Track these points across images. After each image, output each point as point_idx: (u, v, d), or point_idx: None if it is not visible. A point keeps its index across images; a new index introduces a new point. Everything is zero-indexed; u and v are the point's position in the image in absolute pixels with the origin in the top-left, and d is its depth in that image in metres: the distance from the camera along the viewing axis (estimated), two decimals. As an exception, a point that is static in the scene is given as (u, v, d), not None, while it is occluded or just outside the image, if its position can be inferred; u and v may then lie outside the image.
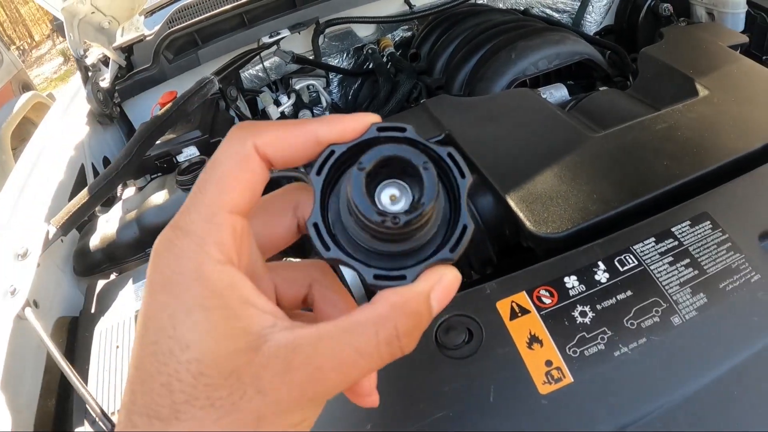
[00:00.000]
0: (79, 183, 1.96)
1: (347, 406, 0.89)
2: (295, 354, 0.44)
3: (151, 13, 2.75)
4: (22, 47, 14.87)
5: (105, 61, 2.44)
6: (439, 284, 0.47)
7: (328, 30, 2.56)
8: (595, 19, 2.80)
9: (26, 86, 6.32)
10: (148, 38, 2.45)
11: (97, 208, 1.71)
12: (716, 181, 1.15)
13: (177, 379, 0.42)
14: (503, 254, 1.39)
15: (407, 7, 2.69)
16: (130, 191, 1.88)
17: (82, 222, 1.66)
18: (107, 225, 1.67)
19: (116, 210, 1.74)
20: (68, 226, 1.58)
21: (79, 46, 2.27)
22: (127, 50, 2.49)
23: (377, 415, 0.88)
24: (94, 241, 1.64)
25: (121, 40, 2.46)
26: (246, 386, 0.43)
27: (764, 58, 2.20)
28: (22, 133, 5.29)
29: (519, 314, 0.94)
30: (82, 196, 1.58)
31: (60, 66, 13.75)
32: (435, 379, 0.90)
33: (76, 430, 1.17)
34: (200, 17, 2.32)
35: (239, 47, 2.38)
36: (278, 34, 2.37)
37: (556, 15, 2.85)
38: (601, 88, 1.97)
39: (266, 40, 2.36)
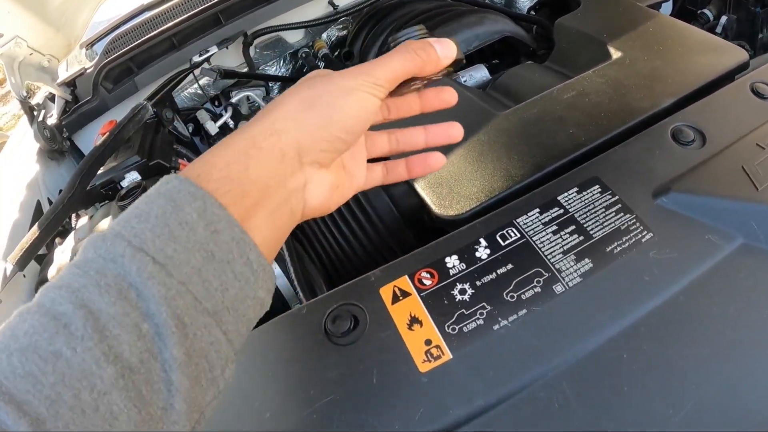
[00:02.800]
0: (37, 219, 1.99)
1: (248, 399, 0.92)
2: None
3: (90, 45, 2.76)
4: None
5: (51, 97, 2.47)
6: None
7: (257, 41, 2.58)
8: (527, -6, 2.80)
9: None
10: (88, 71, 2.46)
11: (57, 240, 1.74)
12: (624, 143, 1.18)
13: None
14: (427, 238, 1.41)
15: (332, 8, 2.70)
16: (83, 221, 1.90)
17: (40, 255, 1.70)
18: (62, 255, 1.70)
19: (69, 240, 1.77)
20: (23, 262, 1.61)
21: (21, 89, 2.30)
22: (72, 84, 2.51)
23: (272, 403, 0.91)
24: (52, 272, 1.67)
25: (65, 75, 2.49)
26: None
27: (699, 12, 2.21)
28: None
29: (400, 297, 0.97)
30: (33, 231, 1.63)
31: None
32: (322, 366, 0.93)
33: None
34: (131, 45, 2.34)
35: (173, 69, 2.40)
36: (207, 51, 2.40)
37: (487, -3, 2.85)
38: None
39: (197, 59, 2.38)
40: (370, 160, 0.94)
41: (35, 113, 2.42)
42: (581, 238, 0.99)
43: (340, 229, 1.42)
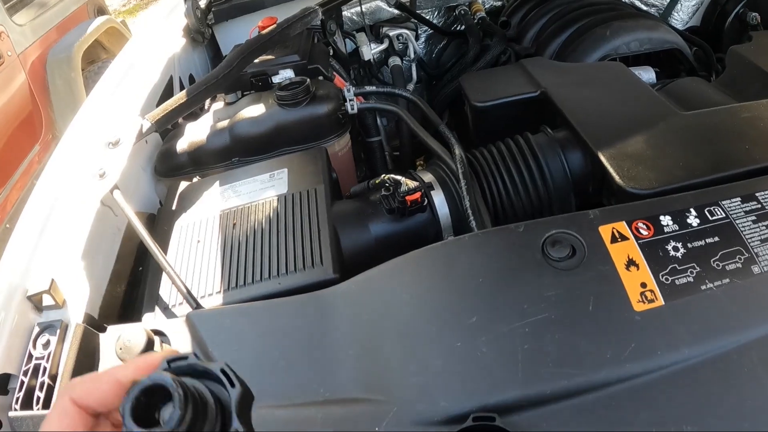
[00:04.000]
0: (167, 92, 2.03)
1: (450, 299, 0.98)
2: None
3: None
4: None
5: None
6: None
7: (428, -17, 2.62)
8: (681, 18, 2.84)
9: (101, 10, 6.35)
10: (249, -36, 2.50)
11: (180, 119, 1.79)
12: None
13: None
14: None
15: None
16: (218, 105, 1.95)
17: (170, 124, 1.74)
18: (196, 131, 1.75)
19: (206, 118, 1.82)
20: (162, 123, 1.65)
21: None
22: (226, -25, 2.55)
23: (484, 309, 0.97)
24: (182, 145, 1.72)
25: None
26: None
27: None
28: (91, 56, 5.33)
29: (619, 239, 1.02)
30: (180, 97, 1.66)
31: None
32: (540, 285, 0.99)
33: (144, 314, 1.25)
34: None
35: (341, -15, 2.43)
36: (383, -22, 2.44)
37: (644, 7, 2.89)
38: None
39: (371, -19, 2.43)
40: None
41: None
42: (776, 232, 1.05)
43: (511, 175, 1.47)
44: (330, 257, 1.21)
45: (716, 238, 1.03)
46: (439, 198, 1.42)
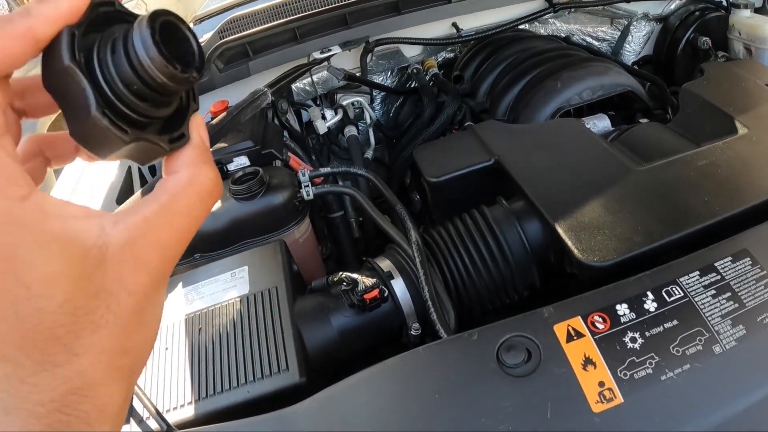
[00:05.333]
0: (126, 186, 2.02)
1: (409, 419, 0.97)
2: (138, 245, 0.46)
3: (200, 20, 2.80)
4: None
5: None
6: (204, 129, 0.56)
7: (376, 49, 2.62)
8: (633, 49, 2.86)
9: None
10: (199, 46, 2.50)
11: None
12: (753, 218, 1.22)
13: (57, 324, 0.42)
14: (546, 280, 1.46)
15: (455, 30, 2.75)
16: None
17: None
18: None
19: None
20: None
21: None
22: (179, 57, 2.54)
23: (441, 426, 0.95)
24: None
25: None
26: (117, 293, 0.45)
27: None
28: (58, 129, 5.35)
29: (575, 337, 1.01)
30: (136, 198, 1.64)
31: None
32: (496, 395, 0.96)
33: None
34: (253, 30, 2.37)
35: (289, 61, 2.44)
36: (329, 50, 2.44)
37: (596, 43, 2.91)
38: (641, 120, 2.04)
39: (317, 55, 2.42)
40: None
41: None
42: (736, 305, 1.03)
43: (469, 254, 1.44)
44: (295, 361, 1.19)
45: (675, 322, 1.01)
46: (399, 286, 1.40)
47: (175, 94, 0.52)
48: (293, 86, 2.62)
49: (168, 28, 0.48)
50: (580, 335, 1.01)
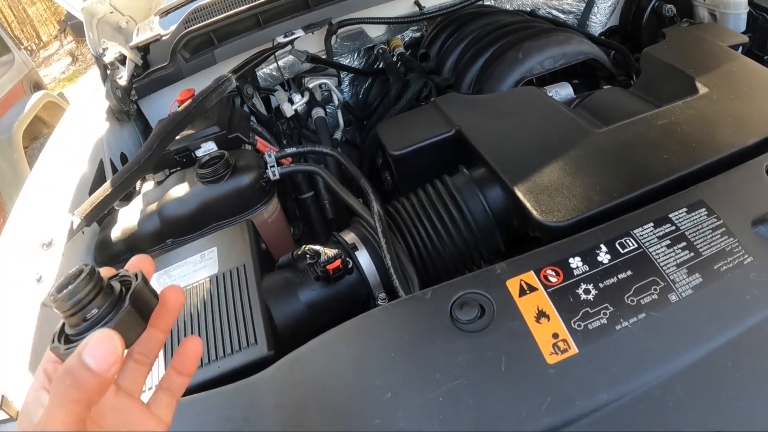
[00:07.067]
0: (99, 178, 2.01)
1: (365, 378, 0.97)
2: None
3: (165, 13, 2.78)
4: (29, 48, 14.81)
5: (121, 59, 2.50)
6: (90, 341, 0.60)
7: (340, 30, 2.61)
8: (600, 20, 2.86)
9: (37, 86, 6.34)
10: (164, 38, 2.49)
11: (116, 203, 1.76)
12: (712, 174, 1.23)
13: None
14: (511, 244, 1.46)
15: (417, 9, 2.74)
16: (149, 185, 1.93)
17: (102, 215, 1.72)
18: (128, 217, 1.73)
19: (137, 202, 1.80)
20: (91, 217, 1.63)
21: (98, 45, 2.34)
22: (143, 49, 2.54)
23: (397, 383, 0.95)
24: (116, 233, 1.70)
25: (137, 39, 2.52)
26: None
27: (765, 58, 2.25)
28: (33, 132, 5.32)
29: (527, 291, 1.01)
30: (105, 188, 1.64)
31: (68, 66, 13.74)
32: (450, 351, 0.97)
33: None
34: (216, 18, 2.37)
35: (254, 47, 2.44)
36: (292, 34, 2.42)
37: (561, 16, 2.91)
38: (604, 87, 2.04)
39: (281, 39, 2.41)
40: None
41: (108, 72, 2.45)
42: (692, 254, 1.04)
43: (432, 223, 1.45)
44: (263, 335, 1.20)
45: (629, 272, 1.02)
46: (364, 257, 1.41)
47: None
48: (261, 72, 2.62)
49: None
50: (533, 289, 1.02)
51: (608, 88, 1.89)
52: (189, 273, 1.41)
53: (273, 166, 1.73)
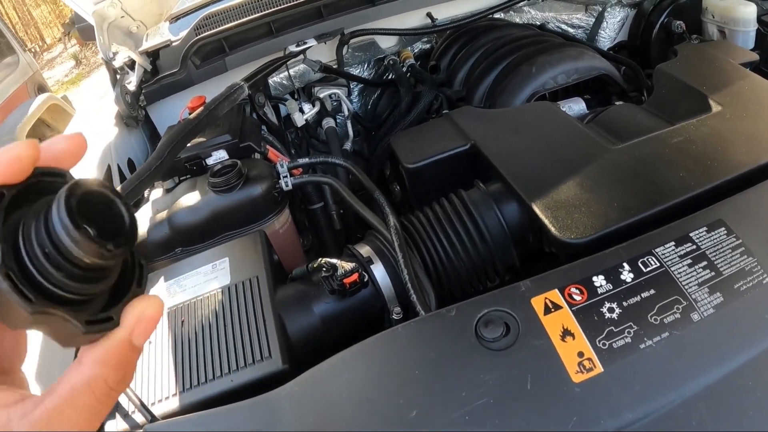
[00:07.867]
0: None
1: (389, 395, 0.97)
2: None
3: (176, 19, 2.78)
4: (33, 50, 14.80)
5: (131, 65, 2.50)
6: (140, 323, 0.52)
7: (352, 41, 2.63)
8: (609, 35, 2.87)
9: (41, 88, 6.33)
10: (174, 44, 2.50)
11: None
12: (727, 192, 1.23)
13: None
14: (525, 260, 1.46)
15: (429, 21, 2.76)
16: (157, 192, 1.93)
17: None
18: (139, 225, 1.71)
19: (146, 210, 1.80)
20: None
21: (108, 49, 2.34)
22: (153, 55, 2.55)
23: (422, 401, 0.95)
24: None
25: (147, 44, 2.52)
26: None
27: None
28: (36, 135, 5.30)
29: (552, 310, 1.01)
30: (116, 195, 1.62)
31: (71, 69, 13.75)
32: (476, 369, 0.97)
33: (106, 425, 1.20)
34: (229, 25, 2.37)
35: (266, 55, 2.45)
36: (305, 43, 2.44)
37: (571, 30, 2.92)
38: (616, 103, 2.04)
39: (293, 48, 2.43)
40: None
41: (117, 76, 2.46)
42: (713, 273, 1.04)
43: (448, 237, 1.45)
44: (278, 348, 1.19)
45: (652, 291, 1.02)
46: (379, 271, 1.41)
47: (103, 269, 0.49)
48: (271, 81, 2.62)
49: (90, 199, 0.47)
50: (557, 307, 1.01)
51: (621, 105, 1.89)
52: (200, 283, 1.40)
53: (286, 176, 1.72)
